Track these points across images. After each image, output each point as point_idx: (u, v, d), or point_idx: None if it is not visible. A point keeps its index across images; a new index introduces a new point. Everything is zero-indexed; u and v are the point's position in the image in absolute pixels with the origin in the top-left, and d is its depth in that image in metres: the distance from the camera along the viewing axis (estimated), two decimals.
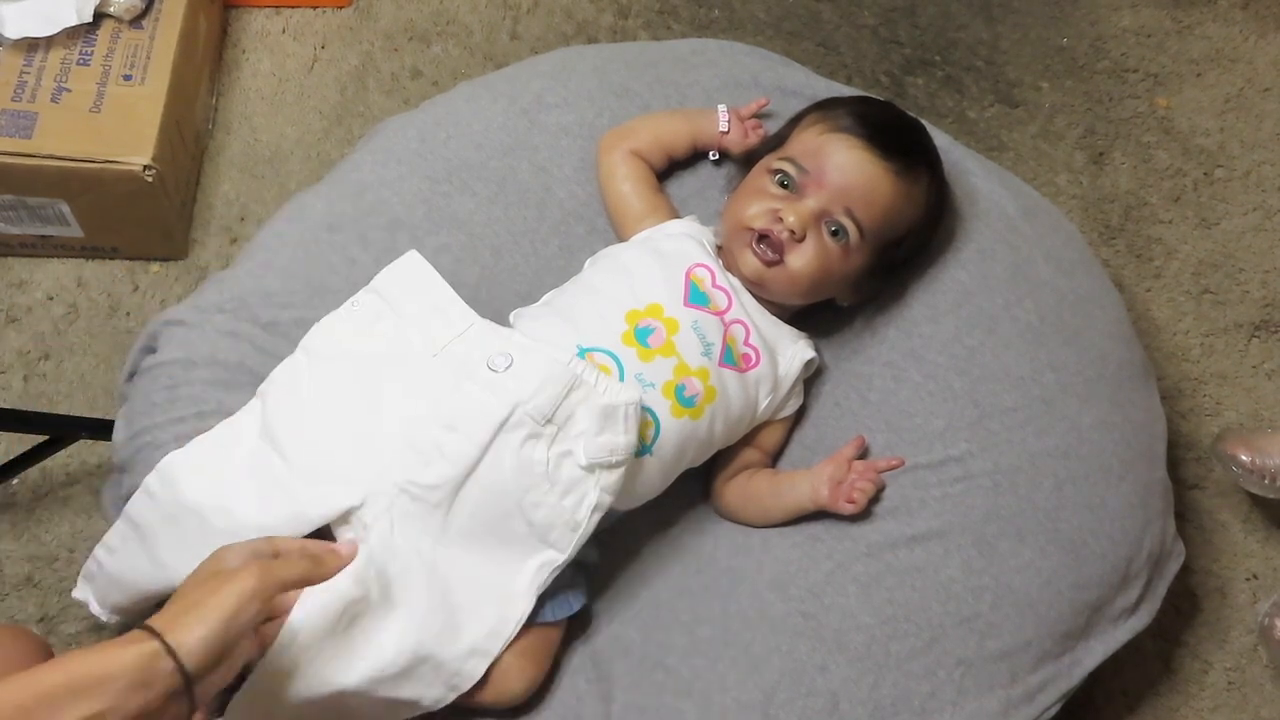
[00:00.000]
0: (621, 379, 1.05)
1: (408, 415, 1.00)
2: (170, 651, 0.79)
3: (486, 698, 1.03)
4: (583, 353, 1.05)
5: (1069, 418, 1.19)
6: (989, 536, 1.14)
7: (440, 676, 0.99)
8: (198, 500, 0.99)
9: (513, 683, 1.03)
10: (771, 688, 1.07)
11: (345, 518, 0.99)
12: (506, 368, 1.00)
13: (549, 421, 0.98)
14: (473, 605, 1.00)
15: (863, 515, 1.14)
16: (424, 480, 0.98)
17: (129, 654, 0.77)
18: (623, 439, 1.00)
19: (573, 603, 1.07)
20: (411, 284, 1.06)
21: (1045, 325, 1.23)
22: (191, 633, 0.80)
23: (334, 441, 1.00)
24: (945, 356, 1.21)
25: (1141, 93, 1.85)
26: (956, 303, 1.23)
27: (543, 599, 1.03)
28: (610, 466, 1.00)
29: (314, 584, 0.90)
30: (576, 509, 1.00)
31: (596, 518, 1.01)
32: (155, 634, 0.80)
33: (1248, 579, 1.52)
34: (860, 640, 1.09)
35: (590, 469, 0.99)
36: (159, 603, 0.90)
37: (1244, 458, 1.46)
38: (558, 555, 1.01)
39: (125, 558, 1.04)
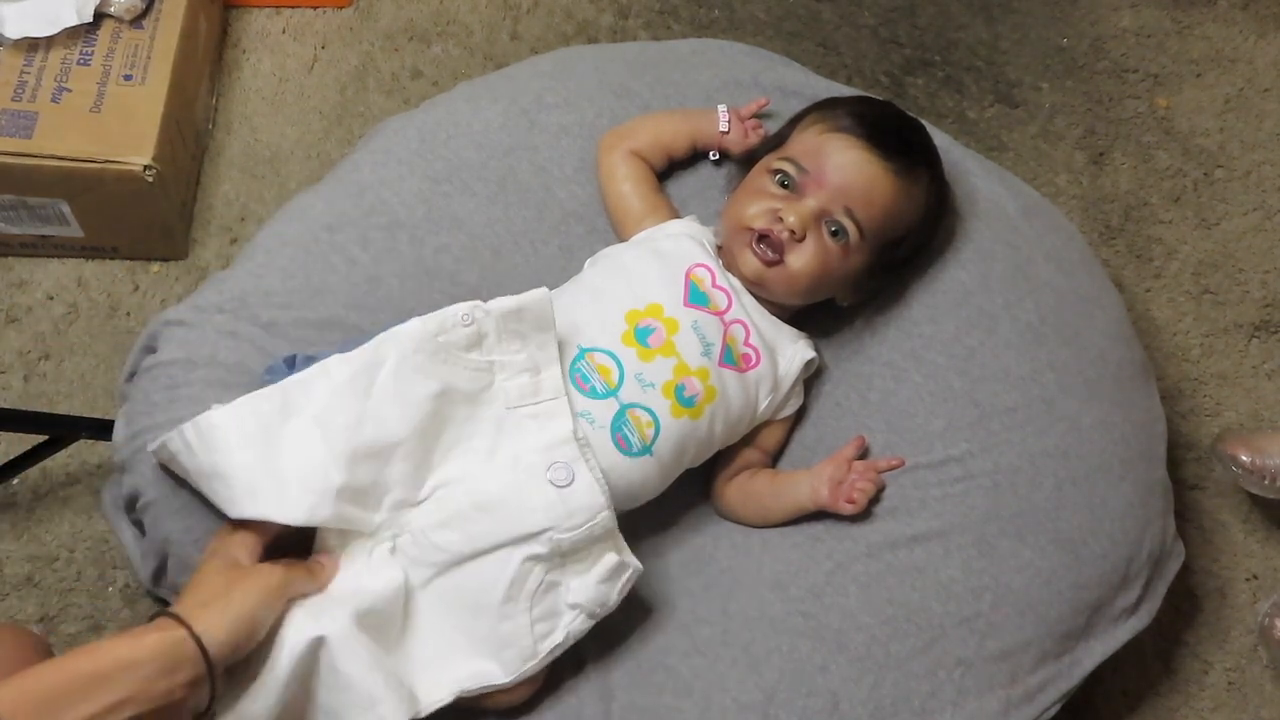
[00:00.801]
0: (621, 379, 1.05)
1: (453, 469, 0.98)
2: (196, 638, 0.80)
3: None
4: (583, 353, 1.05)
5: (1069, 418, 1.19)
6: (989, 536, 1.14)
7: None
8: (230, 470, 0.93)
9: None
10: (771, 688, 1.07)
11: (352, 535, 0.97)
12: (565, 484, 0.97)
13: (562, 555, 0.97)
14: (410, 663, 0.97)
15: (863, 515, 1.14)
16: (436, 539, 0.97)
17: (155, 640, 0.80)
18: (614, 597, 0.99)
19: None
20: (531, 325, 1.01)
21: (1045, 325, 1.23)
22: (217, 622, 0.82)
23: (380, 459, 0.96)
24: (945, 356, 1.21)
25: (1141, 93, 1.84)
26: (956, 303, 1.23)
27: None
28: (589, 615, 0.99)
29: (308, 595, 0.92)
30: (540, 640, 0.98)
31: (551, 657, 0.99)
32: (181, 621, 0.81)
33: (1248, 579, 1.51)
34: (860, 640, 1.09)
35: (573, 607, 0.98)
36: None
37: (1244, 458, 1.46)
38: (499, 676, 0.98)
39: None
